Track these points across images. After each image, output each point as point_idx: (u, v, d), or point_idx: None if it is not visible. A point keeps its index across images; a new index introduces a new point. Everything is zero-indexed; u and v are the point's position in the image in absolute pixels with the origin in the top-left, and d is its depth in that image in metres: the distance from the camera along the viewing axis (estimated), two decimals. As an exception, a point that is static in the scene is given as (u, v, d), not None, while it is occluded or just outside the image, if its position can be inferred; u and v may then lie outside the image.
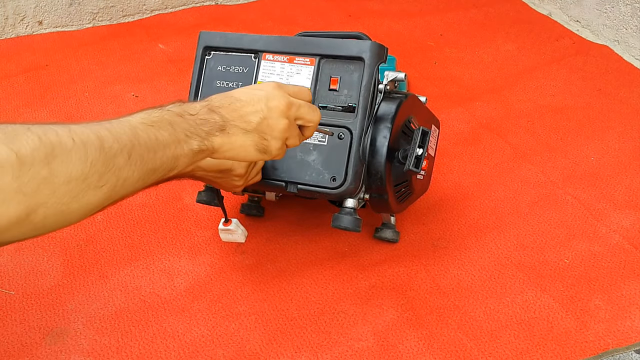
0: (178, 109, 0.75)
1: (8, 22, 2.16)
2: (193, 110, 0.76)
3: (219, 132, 0.77)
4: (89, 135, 0.63)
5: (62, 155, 0.59)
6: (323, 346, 1.11)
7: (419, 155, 1.10)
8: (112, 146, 0.64)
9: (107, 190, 0.64)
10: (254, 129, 0.80)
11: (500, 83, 1.89)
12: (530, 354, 1.09)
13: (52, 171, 0.59)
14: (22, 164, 0.57)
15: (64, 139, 0.60)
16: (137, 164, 0.66)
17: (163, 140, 0.69)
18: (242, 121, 0.79)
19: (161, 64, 2.00)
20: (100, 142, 0.63)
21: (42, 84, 1.91)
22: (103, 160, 0.63)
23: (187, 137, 0.73)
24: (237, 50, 1.21)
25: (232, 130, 0.78)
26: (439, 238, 1.34)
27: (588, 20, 2.16)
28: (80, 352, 1.10)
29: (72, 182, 0.60)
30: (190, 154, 0.73)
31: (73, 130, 0.62)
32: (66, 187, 0.60)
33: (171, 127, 0.71)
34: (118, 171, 0.64)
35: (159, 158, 0.69)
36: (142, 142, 0.67)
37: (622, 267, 1.26)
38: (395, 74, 1.16)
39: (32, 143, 0.58)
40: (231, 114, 0.79)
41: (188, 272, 1.26)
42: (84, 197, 0.62)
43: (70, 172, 0.60)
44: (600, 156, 1.58)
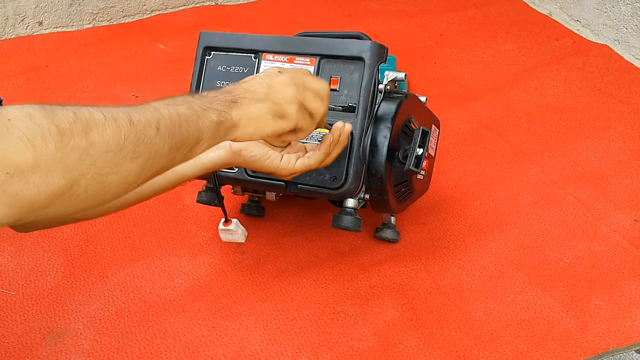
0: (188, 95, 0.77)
1: (8, 22, 2.16)
2: (204, 94, 0.79)
3: (233, 104, 0.79)
4: (118, 112, 0.65)
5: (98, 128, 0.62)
6: (323, 346, 1.11)
7: (419, 155, 1.10)
8: (140, 120, 0.66)
9: (142, 161, 0.66)
10: (264, 97, 0.82)
11: (500, 83, 1.89)
12: (531, 353, 1.09)
13: (90, 142, 0.61)
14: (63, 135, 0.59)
15: (96, 114, 0.63)
16: (166, 136, 0.69)
17: (184, 114, 0.72)
18: (250, 93, 0.82)
19: (161, 64, 2.00)
20: (129, 117, 0.66)
21: (43, 84, 1.91)
22: (134, 133, 0.65)
23: (204, 111, 0.75)
24: (237, 50, 1.21)
25: (244, 102, 0.81)
26: (439, 238, 1.34)
27: (588, 19, 2.16)
28: (81, 352, 1.10)
29: (110, 153, 0.63)
30: (211, 126, 0.76)
31: (102, 109, 0.65)
32: (105, 158, 0.62)
33: (187, 104, 0.74)
34: (150, 143, 0.67)
35: (184, 130, 0.72)
36: (166, 116, 0.70)
37: (623, 267, 1.26)
38: (396, 74, 1.16)
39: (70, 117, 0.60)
40: (240, 91, 0.82)
41: (188, 272, 1.26)
42: (122, 168, 0.64)
43: (107, 142, 0.62)
44: (600, 156, 1.58)
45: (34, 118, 0.58)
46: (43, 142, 0.57)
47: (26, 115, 0.58)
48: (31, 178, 0.56)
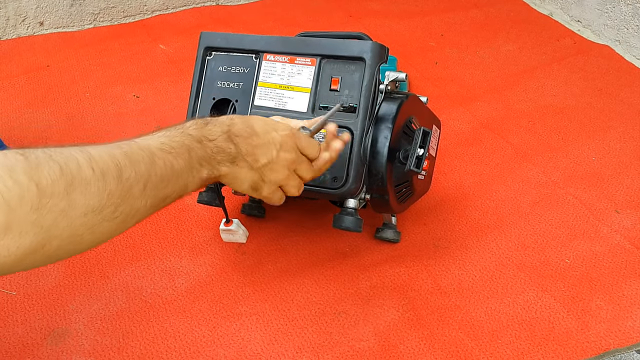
0: (198, 132, 0.76)
1: (9, 22, 2.16)
2: (212, 134, 0.78)
3: (230, 163, 0.80)
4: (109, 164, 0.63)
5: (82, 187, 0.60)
6: (324, 346, 1.11)
7: (420, 155, 1.10)
8: (130, 176, 0.65)
9: (120, 221, 0.65)
10: (258, 168, 0.84)
11: (501, 83, 1.89)
12: (532, 354, 1.09)
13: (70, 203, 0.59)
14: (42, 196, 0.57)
15: (84, 168, 0.61)
16: (151, 195, 0.68)
17: (178, 169, 0.71)
18: (252, 158, 0.83)
19: (162, 65, 2.00)
20: (119, 172, 0.64)
21: (44, 84, 1.91)
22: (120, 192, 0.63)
23: (200, 166, 0.75)
24: (238, 50, 1.21)
25: (241, 164, 0.82)
26: (440, 238, 1.34)
27: (589, 20, 2.16)
28: (82, 352, 1.10)
29: (89, 215, 0.61)
30: (199, 182, 0.76)
31: (93, 159, 0.62)
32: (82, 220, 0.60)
33: (188, 154, 0.73)
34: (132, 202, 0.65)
35: (171, 187, 0.71)
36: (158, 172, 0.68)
37: (624, 267, 1.26)
38: (396, 74, 1.16)
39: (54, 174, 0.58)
40: (245, 147, 0.82)
41: (189, 273, 1.26)
42: (98, 228, 0.63)
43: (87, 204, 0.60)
44: (601, 156, 1.58)
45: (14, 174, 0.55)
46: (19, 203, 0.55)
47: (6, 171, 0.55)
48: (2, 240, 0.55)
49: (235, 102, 1.19)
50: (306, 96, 1.16)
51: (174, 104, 1.79)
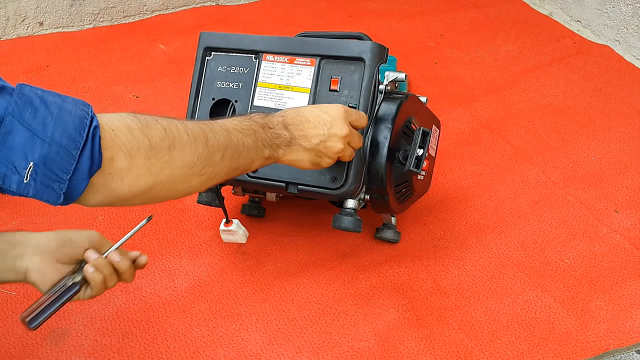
0: (262, 120, 0.92)
1: (9, 23, 2.16)
2: (272, 123, 0.93)
3: (286, 146, 0.94)
4: (199, 132, 0.79)
5: (180, 146, 0.76)
6: (324, 346, 1.11)
7: (420, 155, 1.10)
8: (214, 144, 0.81)
9: (205, 178, 0.81)
10: (313, 147, 0.97)
11: (500, 83, 1.89)
12: (531, 354, 1.09)
13: (171, 157, 0.75)
14: (153, 149, 0.74)
15: (182, 132, 0.77)
16: (227, 162, 0.83)
17: (248, 145, 0.87)
18: (305, 140, 0.96)
19: (162, 65, 2.00)
20: (206, 139, 0.80)
21: (44, 84, 1.90)
22: (206, 155, 0.80)
23: (263, 147, 0.90)
24: (237, 50, 1.21)
25: (296, 147, 0.96)
26: (439, 238, 1.34)
27: (589, 20, 2.16)
28: (82, 352, 1.10)
29: (184, 168, 0.77)
30: (262, 160, 0.91)
31: (188, 127, 0.78)
32: (179, 171, 0.77)
33: (255, 135, 0.88)
34: (214, 165, 0.81)
35: (242, 159, 0.86)
36: (233, 145, 0.84)
37: (623, 267, 1.26)
38: (396, 75, 1.16)
39: (160, 133, 0.75)
40: (298, 132, 0.95)
41: (189, 273, 1.26)
42: (189, 180, 0.79)
43: (183, 160, 0.77)
44: (601, 156, 1.58)
45: (133, 131, 0.73)
46: (137, 152, 0.72)
47: (126, 128, 0.72)
48: (126, 179, 0.72)
49: (235, 102, 1.19)
50: (306, 96, 1.16)
51: (173, 104, 1.79)
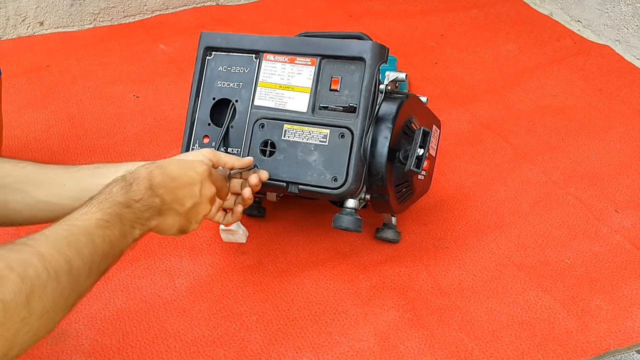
0: (125, 197, 0.80)
1: (9, 22, 2.16)
2: (137, 194, 0.82)
3: (157, 215, 0.85)
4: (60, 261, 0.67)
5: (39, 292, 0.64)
6: (324, 346, 1.11)
7: (420, 155, 1.10)
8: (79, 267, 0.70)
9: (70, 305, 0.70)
10: (184, 212, 0.88)
11: (501, 83, 1.89)
12: (532, 354, 1.09)
13: (30, 310, 0.63)
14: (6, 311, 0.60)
15: (41, 272, 0.64)
16: (94, 274, 0.73)
17: (114, 240, 0.76)
18: (177, 204, 0.87)
19: (162, 65, 2.00)
20: (69, 267, 0.68)
21: (44, 84, 1.91)
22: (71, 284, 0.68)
23: (132, 228, 0.80)
24: (238, 50, 1.21)
25: (168, 213, 0.86)
26: (440, 238, 1.34)
27: (589, 20, 2.16)
28: (82, 352, 1.10)
29: (45, 315, 0.65)
30: (132, 243, 0.81)
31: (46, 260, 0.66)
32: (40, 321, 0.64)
33: (120, 222, 0.78)
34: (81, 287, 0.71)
35: (110, 259, 0.77)
36: (99, 252, 0.73)
37: (624, 267, 1.26)
38: (396, 74, 1.16)
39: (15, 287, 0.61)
40: (169, 196, 0.86)
41: (189, 273, 1.26)
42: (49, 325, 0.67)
43: (44, 306, 0.64)
44: (601, 156, 1.58)
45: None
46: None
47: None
48: None
49: (235, 102, 1.19)
50: (306, 96, 1.16)
51: (174, 104, 1.79)
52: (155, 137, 1.65)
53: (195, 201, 0.89)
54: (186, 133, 1.22)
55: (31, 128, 1.70)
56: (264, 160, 1.15)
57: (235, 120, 1.19)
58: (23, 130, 1.69)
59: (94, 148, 1.62)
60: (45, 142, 1.65)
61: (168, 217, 0.86)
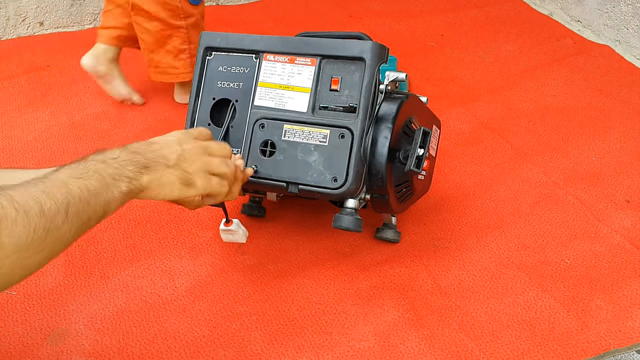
0: (100, 156, 0.80)
1: (9, 22, 2.16)
2: (113, 154, 0.81)
3: (144, 169, 0.83)
4: (29, 201, 0.67)
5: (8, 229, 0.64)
6: (324, 346, 1.11)
7: (420, 155, 1.10)
8: (51, 207, 0.69)
9: (47, 252, 0.69)
10: (174, 164, 0.87)
11: (501, 83, 1.89)
12: (532, 354, 1.09)
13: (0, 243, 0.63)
14: None
15: (8, 210, 0.65)
16: (74, 220, 0.71)
17: (93, 189, 0.75)
18: (162, 158, 0.86)
19: (162, 65, 2.00)
20: (40, 207, 0.68)
21: (44, 84, 1.91)
22: (44, 224, 0.67)
23: (115, 181, 0.78)
24: (238, 50, 1.21)
25: (156, 167, 0.85)
26: (440, 238, 1.34)
27: (589, 20, 2.16)
28: (82, 352, 1.10)
29: (17, 253, 0.65)
30: (120, 197, 0.79)
31: (14, 199, 0.66)
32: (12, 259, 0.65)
33: (98, 174, 0.76)
34: (57, 231, 0.69)
35: (92, 207, 0.74)
36: (75, 196, 0.72)
37: (624, 267, 1.26)
38: (396, 75, 1.16)
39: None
40: (150, 155, 0.85)
41: (189, 273, 1.26)
42: (27, 262, 0.67)
43: (16, 243, 0.65)
44: (601, 156, 1.58)
45: None
46: None
47: None
48: None
49: (235, 102, 1.19)
50: (306, 96, 1.16)
51: (174, 104, 1.79)
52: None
53: (179, 154, 0.88)
54: (186, 133, 1.22)
55: (31, 128, 1.70)
56: (264, 160, 1.15)
57: (235, 120, 1.19)
58: (23, 130, 1.69)
59: (94, 148, 1.61)
60: (45, 142, 1.65)
61: (158, 171, 0.85)
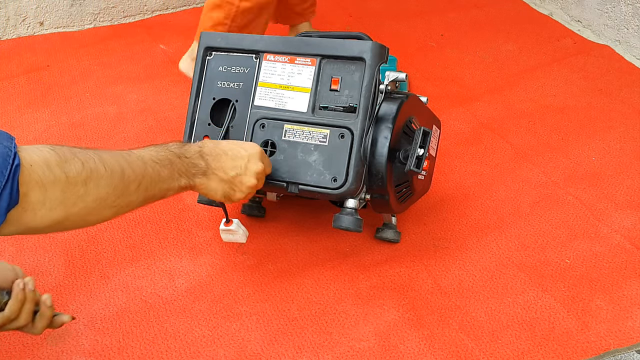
0: (178, 150, 0.96)
1: (9, 22, 2.16)
2: (189, 153, 0.97)
3: (202, 175, 0.99)
4: (115, 165, 0.84)
5: (96, 179, 0.80)
6: (324, 346, 1.11)
7: (420, 155, 1.10)
8: (130, 175, 0.85)
9: (117, 209, 0.85)
10: (228, 179, 1.01)
11: (501, 83, 1.89)
12: (532, 354, 1.09)
13: (87, 190, 0.79)
14: (69, 183, 0.77)
15: (99, 165, 0.81)
16: (142, 192, 0.88)
17: (163, 176, 0.92)
18: (221, 171, 1.01)
19: (162, 65, 2.00)
20: (122, 172, 0.84)
21: (44, 84, 1.91)
22: (122, 187, 0.84)
23: (179, 176, 0.95)
24: (238, 50, 1.21)
25: (211, 177, 1.00)
26: (440, 238, 1.34)
27: (589, 20, 2.16)
28: (82, 352, 1.10)
29: (97, 201, 0.81)
30: (177, 189, 0.96)
31: (104, 160, 0.82)
32: (92, 204, 0.80)
33: (171, 165, 0.93)
34: (129, 195, 0.86)
35: (157, 189, 0.91)
36: (149, 175, 0.89)
37: (624, 267, 1.26)
38: (396, 75, 1.16)
39: (77, 167, 0.78)
40: (215, 163, 1.00)
41: (189, 273, 1.26)
42: (100, 213, 0.83)
43: (99, 193, 0.81)
44: (601, 156, 1.58)
45: (50, 165, 0.76)
46: (53, 186, 0.76)
47: (44, 162, 0.75)
48: (39, 212, 0.75)
49: (236, 102, 1.19)
50: (306, 96, 1.16)
51: (174, 104, 1.79)
52: (155, 137, 1.65)
53: (239, 172, 1.01)
54: (186, 133, 1.22)
55: (31, 128, 1.70)
56: (264, 160, 1.15)
57: (235, 120, 1.19)
58: (23, 130, 1.69)
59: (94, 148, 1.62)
60: (45, 142, 1.64)
61: (212, 180, 1.00)
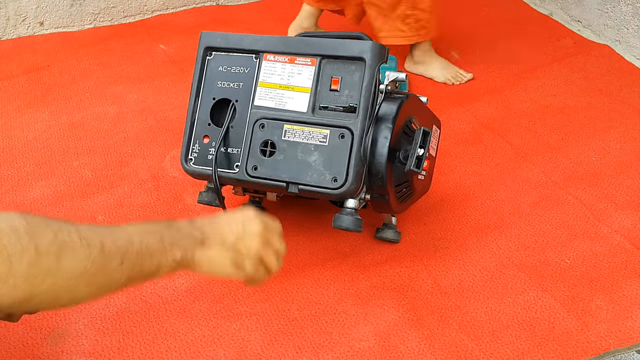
0: (167, 222, 0.86)
1: (9, 22, 2.16)
2: (179, 225, 0.86)
3: (200, 245, 0.86)
4: (93, 237, 0.73)
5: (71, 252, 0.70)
6: (324, 347, 1.11)
7: (420, 155, 1.10)
8: (111, 249, 0.74)
9: (96, 288, 0.74)
10: (230, 246, 0.88)
11: (501, 83, 1.89)
12: (532, 354, 1.09)
13: (59, 265, 0.69)
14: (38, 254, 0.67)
15: (74, 237, 0.71)
16: (127, 269, 0.76)
17: (151, 247, 0.79)
18: (220, 237, 0.88)
19: (162, 65, 2.00)
20: (102, 246, 0.73)
21: (44, 84, 1.91)
22: (100, 262, 0.73)
23: (172, 247, 0.82)
24: (238, 50, 1.21)
25: (211, 246, 0.87)
26: (440, 238, 1.34)
27: (589, 20, 2.16)
28: (82, 352, 1.10)
29: (70, 279, 0.70)
30: (172, 264, 0.82)
31: (81, 231, 0.72)
32: (64, 282, 0.70)
33: (160, 237, 0.81)
34: (110, 273, 0.74)
35: (146, 264, 0.79)
36: (134, 249, 0.77)
37: (624, 267, 1.26)
38: (397, 75, 1.16)
39: (49, 237, 0.68)
40: (210, 230, 0.88)
41: (189, 273, 1.25)
42: (76, 290, 0.72)
43: (73, 269, 0.70)
44: (601, 156, 1.58)
45: (18, 233, 0.66)
46: (19, 258, 0.65)
47: (11, 229, 0.66)
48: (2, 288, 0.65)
49: (235, 102, 1.19)
50: (306, 96, 1.16)
51: (174, 104, 1.79)
52: (155, 137, 1.65)
53: (238, 235, 0.89)
54: (186, 133, 1.22)
55: (31, 128, 1.70)
56: (264, 160, 1.15)
57: (235, 120, 1.19)
58: (23, 130, 1.69)
59: (94, 148, 1.62)
60: (45, 142, 1.65)
61: (213, 249, 0.86)
